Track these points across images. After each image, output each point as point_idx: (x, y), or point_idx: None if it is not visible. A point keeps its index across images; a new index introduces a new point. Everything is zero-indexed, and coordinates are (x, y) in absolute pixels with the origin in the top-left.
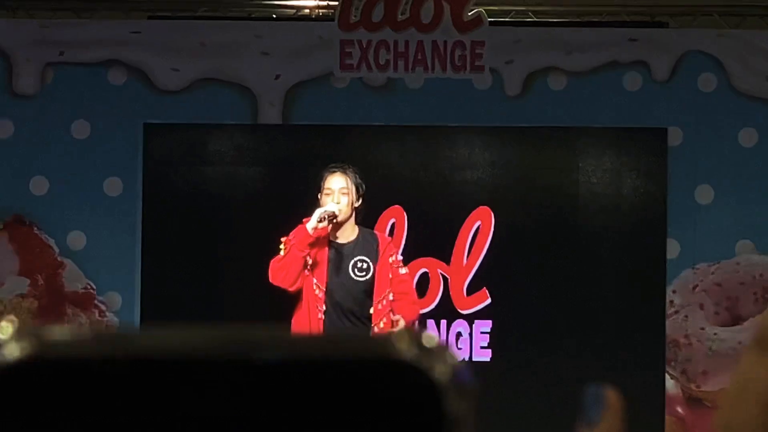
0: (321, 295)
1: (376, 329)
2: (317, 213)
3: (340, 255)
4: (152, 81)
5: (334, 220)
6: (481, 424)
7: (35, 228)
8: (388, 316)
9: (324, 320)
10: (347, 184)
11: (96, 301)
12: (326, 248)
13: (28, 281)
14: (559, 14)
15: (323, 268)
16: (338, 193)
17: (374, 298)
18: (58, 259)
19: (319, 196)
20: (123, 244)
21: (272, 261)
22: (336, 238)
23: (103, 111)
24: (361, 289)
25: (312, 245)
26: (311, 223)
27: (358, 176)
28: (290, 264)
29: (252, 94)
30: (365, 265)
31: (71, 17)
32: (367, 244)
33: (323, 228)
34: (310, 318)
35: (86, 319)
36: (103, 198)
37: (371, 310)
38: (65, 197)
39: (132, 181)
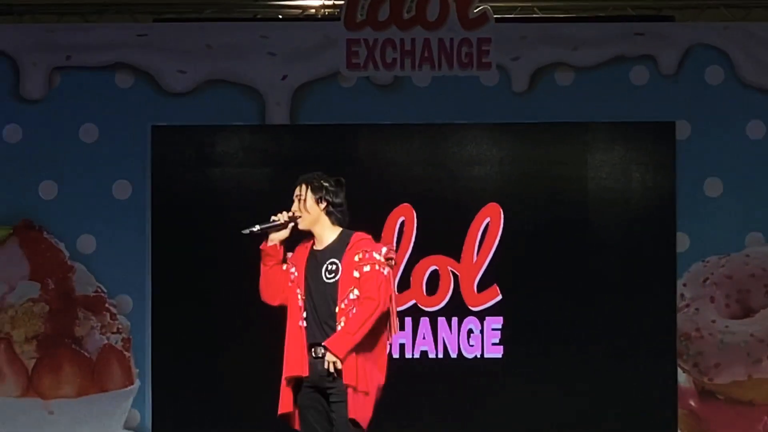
0: (301, 304)
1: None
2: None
3: (316, 261)
4: (159, 83)
5: (290, 225)
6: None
7: (45, 232)
8: (347, 316)
9: (306, 328)
10: (300, 191)
11: (107, 304)
12: (306, 258)
13: (39, 285)
14: (565, 10)
15: (302, 277)
16: (296, 201)
17: (338, 297)
18: (69, 262)
19: None
20: (133, 246)
21: None
22: (315, 245)
23: (111, 114)
24: (332, 291)
25: (272, 257)
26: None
27: (331, 182)
28: (263, 281)
29: (259, 94)
30: (334, 267)
31: (78, 21)
32: (340, 246)
33: (279, 239)
34: (294, 328)
35: (97, 322)
36: (113, 201)
37: (336, 309)
38: (74, 201)
39: (141, 184)
